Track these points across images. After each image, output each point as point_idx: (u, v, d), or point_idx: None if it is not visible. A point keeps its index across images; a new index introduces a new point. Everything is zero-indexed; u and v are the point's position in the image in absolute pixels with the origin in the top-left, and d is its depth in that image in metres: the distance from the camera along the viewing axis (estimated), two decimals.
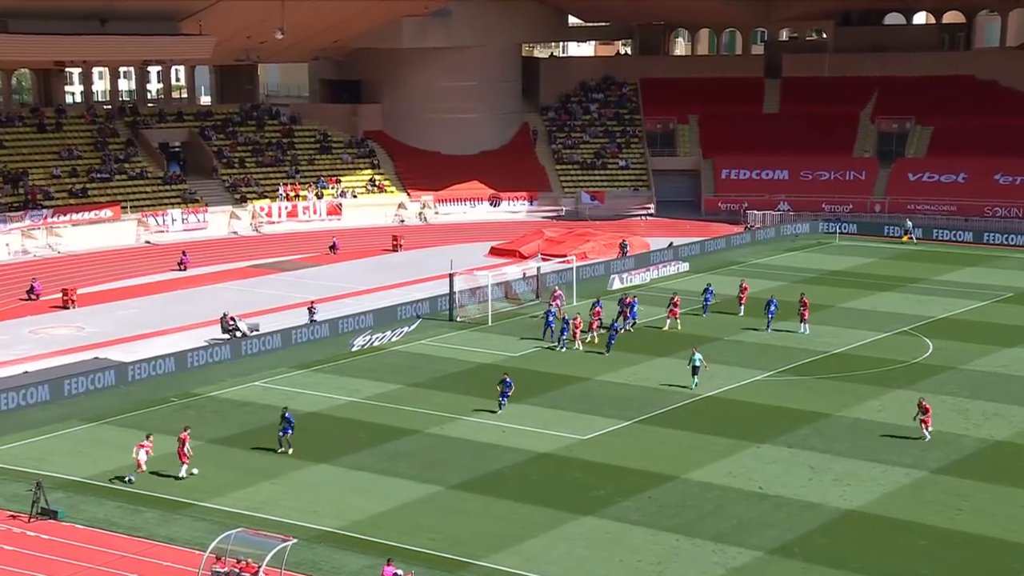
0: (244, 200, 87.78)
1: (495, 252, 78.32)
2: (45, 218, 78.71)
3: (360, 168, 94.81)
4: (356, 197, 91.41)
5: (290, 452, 42.06)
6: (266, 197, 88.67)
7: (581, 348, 55.35)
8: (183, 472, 39.86)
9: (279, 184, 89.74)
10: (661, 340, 57.49)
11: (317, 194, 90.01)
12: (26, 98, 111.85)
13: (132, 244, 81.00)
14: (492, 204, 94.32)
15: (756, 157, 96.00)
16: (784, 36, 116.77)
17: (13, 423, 45.61)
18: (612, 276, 70.66)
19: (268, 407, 47.01)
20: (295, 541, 32.33)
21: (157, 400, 48.60)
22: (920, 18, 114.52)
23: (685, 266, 74.70)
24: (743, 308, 62.16)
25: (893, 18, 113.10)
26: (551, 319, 57.39)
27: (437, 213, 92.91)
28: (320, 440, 43.61)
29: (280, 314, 62.19)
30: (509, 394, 46.54)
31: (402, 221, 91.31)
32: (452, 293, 62.24)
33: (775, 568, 33.78)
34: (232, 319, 58.05)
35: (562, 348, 55.62)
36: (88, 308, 64.69)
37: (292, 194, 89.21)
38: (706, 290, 62.69)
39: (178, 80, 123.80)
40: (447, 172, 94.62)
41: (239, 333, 57.18)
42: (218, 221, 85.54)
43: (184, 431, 40.46)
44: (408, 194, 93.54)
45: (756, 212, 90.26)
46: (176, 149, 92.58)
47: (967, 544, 35.40)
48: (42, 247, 77.80)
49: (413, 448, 43.06)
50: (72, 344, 57.35)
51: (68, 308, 64.52)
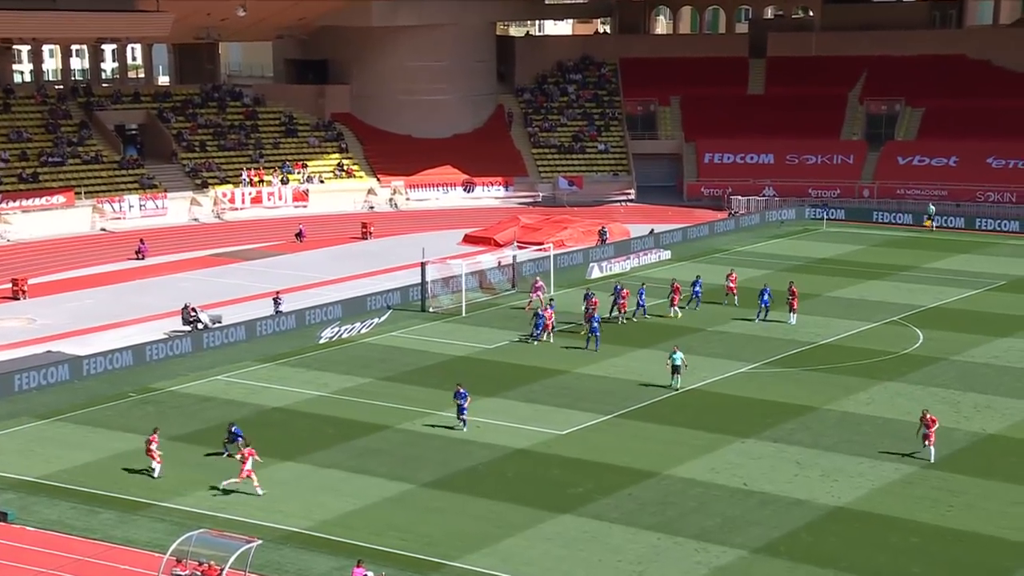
0: (205, 186, 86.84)
1: (469, 240, 78.13)
2: None
3: (327, 152, 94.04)
4: (323, 182, 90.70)
5: (238, 457, 40.20)
6: (228, 182, 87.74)
7: (552, 341, 55.13)
8: (158, 471, 39.76)
9: (242, 169, 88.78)
10: (643, 331, 57.25)
11: (282, 179, 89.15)
12: None
13: (87, 232, 79.88)
14: (466, 190, 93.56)
15: (740, 140, 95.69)
16: (769, 14, 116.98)
17: None
18: (591, 264, 70.70)
19: (231, 402, 47.38)
20: (260, 542, 32.44)
21: (113, 396, 48.42)
22: None
23: (667, 254, 74.74)
24: (736, 298, 61.60)
25: None
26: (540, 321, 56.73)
27: (408, 199, 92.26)
28: (286, 436, 43.66)
29: (244, 305, 62.11)
30: (466, 407, 44.26)
31: (371, 208, 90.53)
32: (424, 283, 62.21)
33: (760, 567, 33.72)
34: (193, 310, 57.87)
35: (535, 341, 55.39)
36: (40, 299, 64.32)
37: (256, 179, 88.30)
38: (695, 282, 61.85)
39: (134, 59, 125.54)
40: (418, 156, 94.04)
41: (201, 325, 57.06)
42: (178, 208, 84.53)
43: (153, 432, 40.54)
44: (378, 179, 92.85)
45: (740, 197, 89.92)
46: (133, 132, 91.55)
47: (958, 541, 35.45)
48: None
49: (384, 444, 43.10)
50: (23, 337, 57.05)
51: (18, 299, 63.95)
